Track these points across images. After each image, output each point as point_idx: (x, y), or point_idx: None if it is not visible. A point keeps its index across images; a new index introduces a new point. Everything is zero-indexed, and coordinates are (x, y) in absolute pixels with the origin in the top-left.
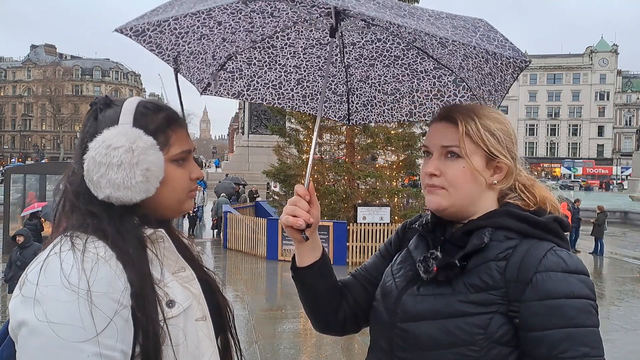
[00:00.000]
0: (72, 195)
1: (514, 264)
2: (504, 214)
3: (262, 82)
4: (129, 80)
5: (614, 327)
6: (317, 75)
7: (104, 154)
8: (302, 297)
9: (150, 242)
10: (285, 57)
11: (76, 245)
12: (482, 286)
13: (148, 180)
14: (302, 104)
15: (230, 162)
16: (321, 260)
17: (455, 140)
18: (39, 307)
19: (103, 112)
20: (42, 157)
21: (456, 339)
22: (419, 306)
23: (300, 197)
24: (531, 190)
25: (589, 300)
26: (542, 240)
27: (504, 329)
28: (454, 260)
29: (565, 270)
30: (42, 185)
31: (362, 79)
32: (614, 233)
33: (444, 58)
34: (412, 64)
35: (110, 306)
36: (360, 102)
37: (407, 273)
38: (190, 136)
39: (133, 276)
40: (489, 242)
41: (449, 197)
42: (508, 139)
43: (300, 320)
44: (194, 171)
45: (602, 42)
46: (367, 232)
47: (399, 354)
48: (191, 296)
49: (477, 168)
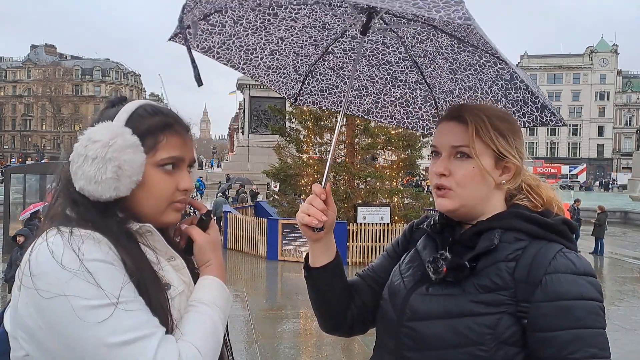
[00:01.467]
0: (62, 184)
1: (524, 265)
2: (513, 215)
3: (237, 44)
4: (129, 80)
5: (614, 327)
6: (293, 52)
7: (84, 146)
8: (312, 297)
9: (139, 235)
10: (279, 28)
11: (63, 232)
12: (491, 287)
13: (118, 179)
14: (264, 74)
15: (230, 162)
16: (334, 261)
17: (465, 140)
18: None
19: (108, 109)
20: (42, 157)
21: (465, 339)
22: (428, 306)
23: (316, 195)
24: (537, 191)
25: (597, 302)
26: (551, 242)
27: (512, 330)
28: (463, 262)
29: (575, 272)
30: (42, 185)
31: (333, 68)
32: (614, 233)
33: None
34: (397, 72)
35: (111, 267)
36: (318, 86)
37: (416, 273)
38: (189, 146)
39: (127, 257)
40: (498, 244)
41: (458, 199)
42: (517, 139)
43: (300, 320)
44: (183, 182)
45: (602, 42)
46: (367, 232)
47: (406, 353)
48: (183, 283)
49: (486, 168)
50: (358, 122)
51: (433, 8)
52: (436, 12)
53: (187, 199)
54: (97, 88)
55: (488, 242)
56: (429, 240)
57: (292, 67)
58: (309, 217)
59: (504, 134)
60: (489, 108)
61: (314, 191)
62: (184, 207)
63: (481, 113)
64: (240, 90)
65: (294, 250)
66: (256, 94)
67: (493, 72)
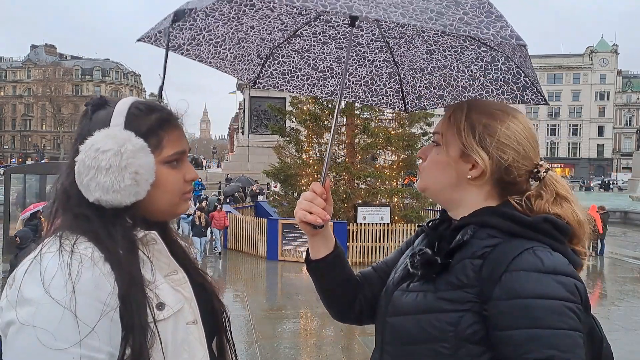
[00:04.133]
0: (64, 196)
1: (490, 262)
2: (490, 212)
3: (207, 37)
4: (129, 80)
5: (614, 327)
6: (260, 37)
7: (93, 157)
8: (317, 288)
9: (142, 244)
10: (253, 17)
11: (64, 247)
12: (457, 284)
13: (138, 184)
14: (229, 65)
15: (230, 162)
16: (334, 252)
17: (439, 127)
18: (23, 308)
19: (96, 113)
20: (42, 157)
21: (428, 335)
22: (404, 302)
23: (316, 194)
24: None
25: (564, 301)
26: (530, 240)
27: (474, 328)
28: (434, 257)
29: (540, 270)
30: (42, 186)
31: (298, 50)
32: (614, 233)
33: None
34: (366, 53)
35: (95, 307)
36: (280, 69)
37: (404, 270)
38: (185, 136)
39: (121, 278)
40: (470, 240)
41: (423, 180)
42: (489, 134)
43: (300, 320)
44: (189, 172)
45: (602, 42)
46: (367, 232)
47: (387, 348)
48: (183, 299)
49: (445, 158)
50: (358, 122)
51: (481, 24)
52: (486, 29)
53: (192, 187)
54: (97, 88)
55: (460, 237)
56: (425, 237)
57: (256, 52)
58: (311, 215)
59: (474, 126)
60: (482, 103)
61: (313, 189)
62: (191, 196)
63: (465, 105)
64: (240, 90)
65: (294, 251)
66: (256, 94)
67: (474, 54)
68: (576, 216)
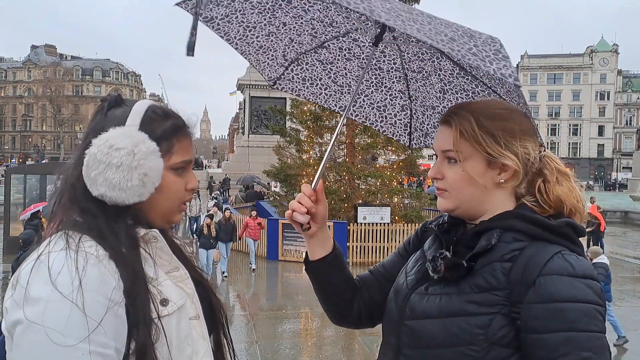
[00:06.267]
0: (70, 189)
1: (520, 265)
2: (514, 215)
3: (240, 19)
4: (129, 80)
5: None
6: (289, 37)
7: (106, 153)
8: (315, 289)
9: (144, 242)
10: (287, 14)
11: (69, 244)
12: (485, 286)
13: (144, 185)
14: (254, 52)
15: (230, 162)
16: (332, 254)
17: (450, 144)
18: (31, 307)
19: (112, 110)
20: (43, 157)
21: (457, 339)
22: (425, 305)
23: (303, 194)
24: (550, 188)
25: (594, 305)
26: (552, 243)
27: (504, 331)
28: (461, 261)
29: (571, 274)
30: (42, 186)
31: (322, 61)
32: (614, 233)
33: (422, 92)
34: (385, 79)
35: (101, 303)
36: (301, 75)
37: (419, 272)
38: (193, 147)
39: (125, 274)
40: (496, 244)
41: (452, 200)
42: (512, 137)
43: (300, 321)
44: (190, 182)
45: (603, 41)
46: (367, 232)
47: (404, 351)
48: (185, 295)
49: (475, 172)
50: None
51: (487, 59)
52: (490, 63)
53: (190, 197)
54: (97, 88)
55: (486, 242)
56: (435, 240)
57: (282, 51)
58: (293, 212)
59: (493, 133)
60: (480, 107)
61: (302, 191)
62: (187, 207)
63: (469, 114)
64: (240, 90)
65: (294, 251)
66: (256, 94)
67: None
68: (575, 194)
